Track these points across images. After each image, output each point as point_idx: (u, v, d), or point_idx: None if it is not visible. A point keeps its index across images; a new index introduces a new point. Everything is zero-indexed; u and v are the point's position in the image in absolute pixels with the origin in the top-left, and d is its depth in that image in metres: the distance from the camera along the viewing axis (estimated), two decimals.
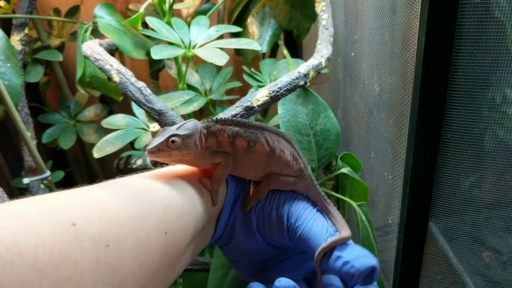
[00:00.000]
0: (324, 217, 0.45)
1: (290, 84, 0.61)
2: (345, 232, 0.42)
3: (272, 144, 0.44)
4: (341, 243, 0.41)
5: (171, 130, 0.40)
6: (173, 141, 0.39)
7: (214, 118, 0.43)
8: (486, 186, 0.60)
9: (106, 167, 1.16)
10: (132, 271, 0.30)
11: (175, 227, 0.36)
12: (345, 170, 0.67)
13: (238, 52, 0.98)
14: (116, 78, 0.61)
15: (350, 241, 0.41)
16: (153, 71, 1.01)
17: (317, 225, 0.43)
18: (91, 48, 0.65)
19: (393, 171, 0.63)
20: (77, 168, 1.17)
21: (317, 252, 0.40)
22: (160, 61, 1.02)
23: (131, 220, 0.32)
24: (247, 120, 0.43)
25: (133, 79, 0.61)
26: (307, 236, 0.42)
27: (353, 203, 0.66)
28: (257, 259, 0.48)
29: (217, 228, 0.45)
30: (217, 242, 0.48)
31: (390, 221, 0.66)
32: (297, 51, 1.08)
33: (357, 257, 0.39)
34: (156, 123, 0.68)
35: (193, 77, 0.86)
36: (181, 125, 0.41)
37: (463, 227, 0.66)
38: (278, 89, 0.61)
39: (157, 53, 0.62)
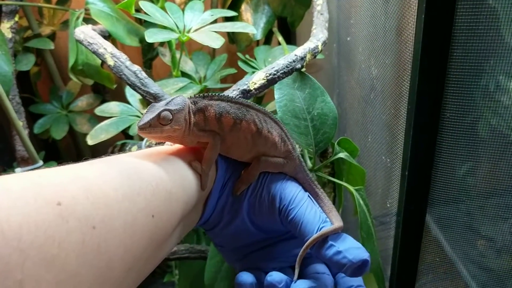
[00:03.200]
0: (313, 201, 0.45)
1: (287, 66, 0.61)
2: (338, 222, 0.42)
3: (259, 123, 0.43)
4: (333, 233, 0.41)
5: (161, 105, 0.39)
6: (164, 117, 0.39)
7: (201, 94, 0.43)
8: (482, 173, 0.60)
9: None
10: (119, 254, 0.29)
11: (162, 210, 0.35)
12: (342, 155, 0.67)
13: (231, 40, 0.97)
14: (110, 62, 0.60)
15: (342, 233, 0.42)
16: (146, 60, 1.00)
17: (310, 211, 0.43)
18: (84, 32, 0.64)
19: (391, 154, 0.63)
20: (70, 159, 1.16)
21: (309, 240, 0.41)
22: (153, 49, 1.01)
23: (118, 201, 0.31)
24: (234, 97, 0.43)
25: (128, 63, 0.60)
26: (299, 220, 0.42)
27: (351, 188, 0.66)
28: (243, 244, 0.48)
29: (205, 210, 0.45)
30: (204, 225, 0.48)
31: (388, 205, 0.66)
32: (291, 38, 1.07)
33: (350, 248, 0.39)
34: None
35: (187, 65, 0.85)
36: (169, 101, 0.40)
37: (458, 216, 0.66)
38: (275, 72, 0.60)
39: (151, 37, 0.61)
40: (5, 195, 0.24)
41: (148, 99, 0.58)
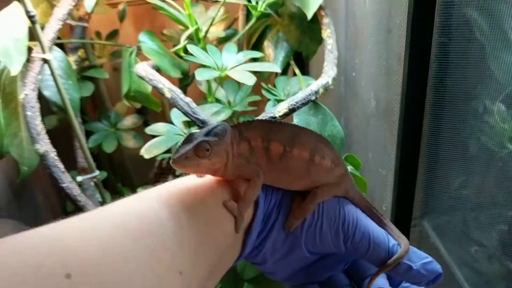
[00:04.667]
0: (368, 217, 0.44)
1: (304, 99, 0.78)
2: (404, 240, 0.42)
3: (311, 150, 0.40)
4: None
5: (199, 135, 0.36)
6: (202, 149, 0.35)
7: (245, 120, 0.40)
8: (471, 186, 0.75)
9: (140, 171, 1.32)
10: None
11: (190, 265, 0.31)
12: (348, 168, 0.84)
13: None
14: (168, 95, 0.77)
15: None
16: (182, 86, 1.17)
17: (375, 234, 0.42)
18: (145, 70, 0.81)
19: (385, 167, 0.80)
20: (112, 170, 1.34)
21: (383, 267, 0.40)
22: (189, 77, 1.18)
23: (136, 264, 0.27)
24: (281, 121, 0.42)
25: (182, 95, 0.77)
26: (366, 242, 0.41)
27: None
28: (297, 268, 0.45)
29: (245, 247, 0.40)
30: (251, 259, 0.44)
31: (384, 208, 0.82)
32: (304, 68, 1.25)
33: (425, 263, 0.40)
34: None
35: (219, 92, 1.02)
36: (210, 130, 0.36)
37: (453, 224, 0.80)
38: (295, 103, 0.77)
39: (200, 75, 0.78)
40: (5, 267, 0.21)
41: (198, 124, 0.75)
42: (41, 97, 0.90)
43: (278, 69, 0.85)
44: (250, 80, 0.77)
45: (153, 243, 0.29)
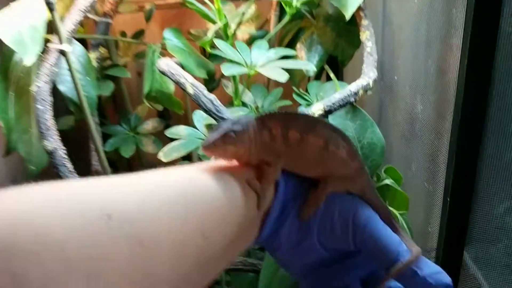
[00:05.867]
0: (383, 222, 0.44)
1: (342, 100, 0.70)
2: (414, 246, 0.42)
3: (326, 138, 0.42)
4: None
5: (226, 125, 0.40)
6: (228, 137, 0.39)
7: (267, 112, 0.43)
8: None
9: None
10: (164, 274, 0.28)
11: (214, 231, 0.34)
12: (388, 181, 0.74)
13: None
14: (190, 90, 0.70)
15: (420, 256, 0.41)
16: (208, 89, 1.11)
17: (385, 232, 0.42)
18: (168, 64, 0.75)
19: (433, 182, 0.70)
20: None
21: (391, 271, 0.40)
22: (215, 80, 1.12)
23: (170, 219, 0.29)
24: (300, 112, 0.45)
25: (205, 92, 0.70)
26: (374, 242, 0.41)
27: (396, 212, 0.72)
28: (311, 263, 0.46)
29: (263, 230, 0.43)
30: (266, 246, 0.46)
31: (430, 229, 0.72)
32: (338, 75, 1.16)
33: (434, 273, 0.39)
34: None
35: (247, 96, 0.95)
36: (235, 121, 0.40)
37: (497, 255, 0.70)
38: (332, 104, 0.69)
39: (227, 70, 0.71)
40: (53, 204, 0.24)
41: None
42: (58, 95, 0.85)
43: (313, 67, 0.77)
44: (282, 77, 0.69)
45: (183, 208, 0.31)
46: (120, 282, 0.24)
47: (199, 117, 0.90)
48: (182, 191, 0.33)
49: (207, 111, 0.68)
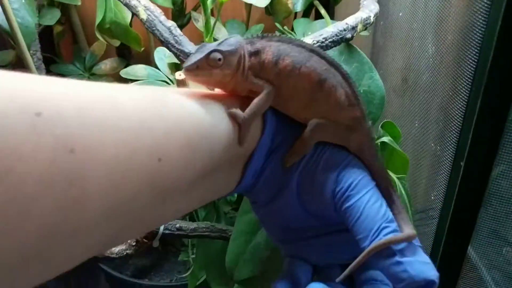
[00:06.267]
0: (380, 194, 0.36)
1: (336, 35, 0.55)
2: (409, 228, 0.35)
3: (321, 73, 0.36)
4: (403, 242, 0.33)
5: (212, 46, 0.35)
6: (214, 58, 0.34)
7: (259, 34, 0.37)
8: None
9: None
10: (98, 189, 0.24)
11: (174, 157, 0.29)
12: (385, 139, 0.61)
13: (268, 11, 0.92)
14: (143, 15, 0.55)
15: (412, 242, 0.34)
16: (177, 26, 0.95)
17: (374, 203, 0.34)
18: None
19: (442, 142, 0.57)
20: None
21: (371, 246, 0.33)
22: (185, 16, 0.95)
23: (115, 130, 0.25)
24: (297, 39, 0.36)
25: (162, 18, 0.55)
26: (357, 211, 0.34)
27: (393, 175, 0.60)
28: (291, 226, 0.41)
29: (244, 177, 0.38)
30: (247, 195, 0.42)
31: (433, 197, 0.60)
32: (329, 13, 1.02)
33: (416, 261, 0.32)
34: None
35: (221, 32, 0.80)
36: (222, 41, 0.35)
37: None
38: (323, 40, 0.54)
39: None
40: None
41: (182, 58, 0.53)
42: None
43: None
44: (261, 1, 0.54)
45: (136, 121, 0.26)
46: (37, 185, 0.21)
47: (162, 55, 0.75)
48: (141, 103, 0.28)
49: (164, 42, 0.53)
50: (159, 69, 0.74)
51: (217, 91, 0.39)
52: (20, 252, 0.21)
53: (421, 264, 0.32)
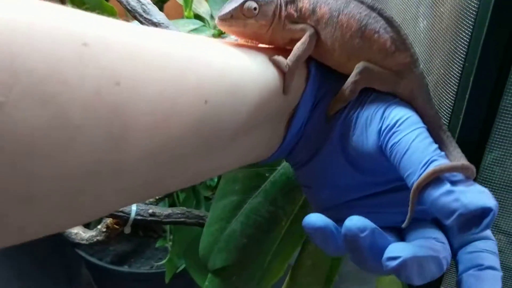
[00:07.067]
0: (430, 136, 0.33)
1: None
2: (466, 163, 0.30)
3: (362, 19, 0.34)
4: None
5: None
6: (249, 7, 0.33)
7: None
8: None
9: None
10: (142, 126, 0.23)
11: (220, 102, 0.28)
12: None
13: None
14: None
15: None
16: (157, 1, 0.90)
17: (423, 139, 0.31)
18: None
19: None
20: None
21: (422, 175, 0.28)
22: None
23: (161, 67, 0.25)
24: None
25: None
26: (405, 146, 0.31)
27: None
28: (336, 186, 0.38)
29: (288, 132, 0.37)
30: (289, 157, 0.40)
31: None
32: None
33: (470, 191, 0.27)
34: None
35: (202, 6, 0.76)
36: None
37: None
38: None
39: None
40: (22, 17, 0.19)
41: None
42: None
43: None
44: None
45: (181, 59, 0.26)
46: (82, 113, 0.20)
47: None
48: (187, 45, 0.28)
49: (131, 11, 0.49)
50: None
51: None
52: (64, 183, 0.21)
53: (476, 193, 0.27)
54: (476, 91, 0.45)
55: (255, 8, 0.33)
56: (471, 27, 0.44)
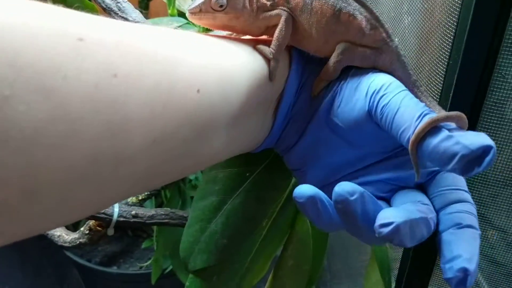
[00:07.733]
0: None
1: None
2: (455, 112, 0.31)
3: (335, 4, 0.35)
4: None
5: None
6: (217, 1, 0.34)
7: None
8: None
9: None
10: (141, 117, 0.24)
11: (212, 91, 0.30)
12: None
13: None
14: None
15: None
16: (142, 1, 0.89)
17: (410, 99, 0.32)
18: None
19: None
20: None
21: (420, 125, 0.29)
22: None
23: (153, 60, 0.26)
24: None
25: None
26: (395, 105, 0.32)
27: None
28: (328, 164, 0.38)
29: (276, 119, 0.38)
30: (278, 143, 0.40)
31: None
32: None
33: (468, 134, 0.28)
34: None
35: (186, 4, 0.74)
36: None
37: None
38: None
39: None
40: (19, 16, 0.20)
41: None
42: None
43: None
44: None
45: (171, 51, 0.28)
46: (82, 106, 0.21)
47: None
48: (175, 38, 0.29)
49: (106, 9, 0.48)
50: None
51: (226, 34, 0.39)
52: (67, 173, 0.21)
53: (474, 135, 0.28)
54: (460, 89, 0.44)
55: (223, 2, 0.34)
56: (455, 23, 0.44)
